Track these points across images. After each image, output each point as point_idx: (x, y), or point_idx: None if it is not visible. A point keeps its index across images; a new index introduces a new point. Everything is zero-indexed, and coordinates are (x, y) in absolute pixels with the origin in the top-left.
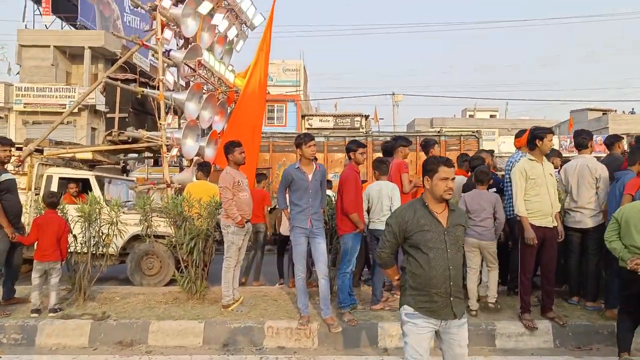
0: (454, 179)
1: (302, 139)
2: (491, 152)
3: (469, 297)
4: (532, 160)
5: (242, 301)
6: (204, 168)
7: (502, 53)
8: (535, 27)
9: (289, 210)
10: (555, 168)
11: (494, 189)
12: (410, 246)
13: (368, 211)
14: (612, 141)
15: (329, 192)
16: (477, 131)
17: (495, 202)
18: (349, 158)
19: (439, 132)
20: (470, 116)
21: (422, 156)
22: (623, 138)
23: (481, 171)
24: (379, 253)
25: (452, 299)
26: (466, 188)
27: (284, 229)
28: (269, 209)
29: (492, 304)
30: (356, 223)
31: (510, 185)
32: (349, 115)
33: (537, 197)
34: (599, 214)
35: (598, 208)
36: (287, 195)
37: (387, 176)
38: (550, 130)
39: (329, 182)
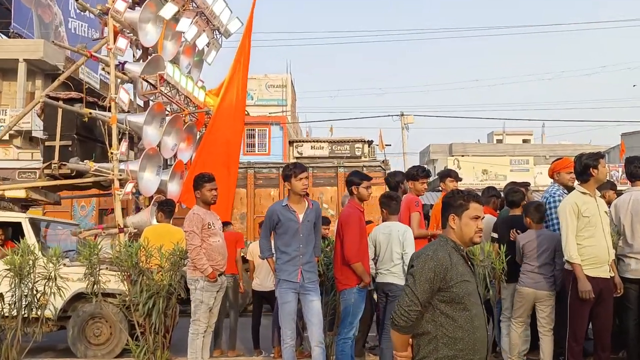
0: (483, 217)
1: (292, 170)
2: (526, 185)
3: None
4: (585, 193)
5: None
6: (165, 208)
7: (536, 65)
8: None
9: (274, 259)
10: (607, 204)
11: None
12: (445, 301)
13: (375, 260)
14: None
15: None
16: (383, 161)
17: (557, 243)
18: (350, 193)
19: (337, 163)
20: (499, 141)
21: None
22: None
23: (537, 207)
24: (403, 313)
25: None
26: (502, 228)
27: (262, 283)
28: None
29: None
30: (360, 275)
31: (552, 225)
32: (348, 141)
33: (591, 240)
34: None
35: None
36: (272, 241)
37: (397, 216)
38: (602, 155)
39: (325, 219)
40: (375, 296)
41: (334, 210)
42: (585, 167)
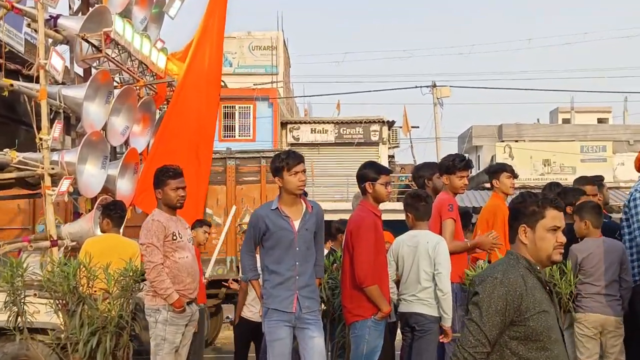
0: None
1: (283, 162)
2: (598, 180)
3: None
4: None
5: None
6: (113, 213)
7: (616, 19)
8: None
9: (260, 281)
10: None
11: None
12: (518, 339)
13: (397, 282)
14: None
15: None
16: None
17: (622, 254)
18: (363, 192)
19: (230, 153)
20: (565, 121)
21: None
22: None
23: (593, 206)
24: (467, 357)
25: None
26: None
27: (252, 311)
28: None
29: None
30: (377, 302)
31: (633, 232)
32: (360, 122)
33: None
34: None
35: None
36: (257, 257)
37: (427, 222)
38: None
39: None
40: (398, 331)
41: (220, 217)
42: None
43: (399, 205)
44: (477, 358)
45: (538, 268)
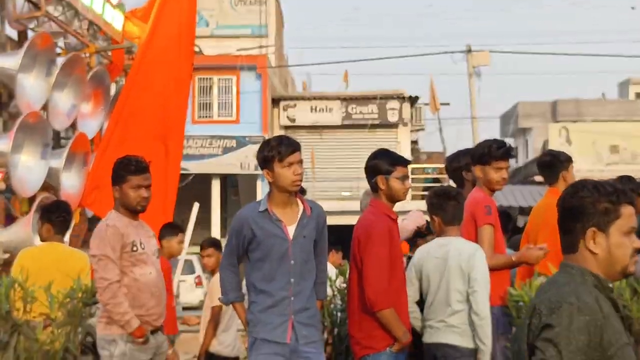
0: None
1: (274, 150)
2: None
3: None
4: None
5: None
6: (55, 216)
7: None
8: None
9: (244, 304)
10: None
11: None
12: None
13: (421, 304)
14: None
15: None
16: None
17: None
18: (374, 189)
19: None
20: (638, 96)
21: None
22: None
23: None
24: None
25: None
26: None
27: (226, 342)
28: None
29: None
30: (392, 330)
31: None
32: (374, 98)
33: None
34: None
35: None
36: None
37: (458, 227)
38: None
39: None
40: None
41: None
42: None
43: (423, 205)
44: None
45: (611, 286)
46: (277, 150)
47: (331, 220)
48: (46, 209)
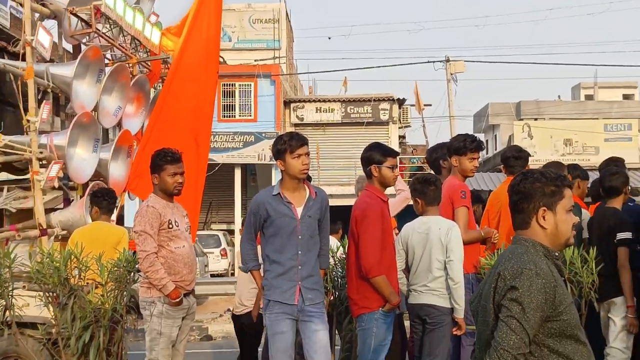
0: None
1: (286, 144)
2: (619, 162)
3: None
4: None
5: None
6: (102, 200)
7: None
8: None
9: (260, 272)
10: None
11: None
12: (554, 335)
13: (406, 272)
14: None
15: (332, 239)
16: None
17: None
18: (368, 176)
19: None
20: (588, 97)
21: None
22: None
23: None
24: (508, 358)
25: None
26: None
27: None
28: None
29: None
30: (385, 294)
31: None
32: (369, 100)
33: None
34: None
35: None
36: (257, 246)
37: (438, 207)
38: None
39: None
40: (407, 323)
41: None
42: None
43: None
44: (519, 356)
45: (557, 255)
46: (288, 144)
47: (333, 202)
48: (95, 195)
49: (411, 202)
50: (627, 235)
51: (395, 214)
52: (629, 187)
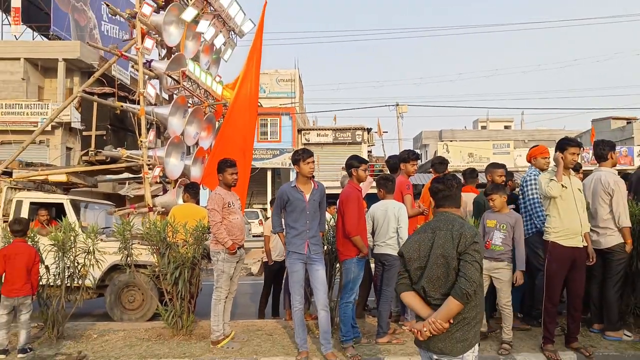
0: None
1: (300, 155)
2: (502, 166)
3: None
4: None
5: (233, 336)
6: (191, 189)
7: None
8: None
9: (284, 234)
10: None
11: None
12: None
13: (373, 234)
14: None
15: (327, 213)
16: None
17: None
18: (350, 175)
19: None
20: (483, 127)
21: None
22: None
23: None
24: (475, 284)
25: None
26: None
27: (277, 255)
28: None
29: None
30: (359, 247)
31: (529, 203)
32: (349, 129)
33: (565, 213)
34: (615, 232)
35: (614, 226)
36: (282, 217)
37: (392, 195)
38: (575, 143)
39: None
40: (372, 265)
41: None
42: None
43: (374, 184)
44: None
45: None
46: (301, 156)
47: (328, 191)
48: (186, 186)
49: (375, 190)
50: None
51: (364, 195)
52: (514, 181)
